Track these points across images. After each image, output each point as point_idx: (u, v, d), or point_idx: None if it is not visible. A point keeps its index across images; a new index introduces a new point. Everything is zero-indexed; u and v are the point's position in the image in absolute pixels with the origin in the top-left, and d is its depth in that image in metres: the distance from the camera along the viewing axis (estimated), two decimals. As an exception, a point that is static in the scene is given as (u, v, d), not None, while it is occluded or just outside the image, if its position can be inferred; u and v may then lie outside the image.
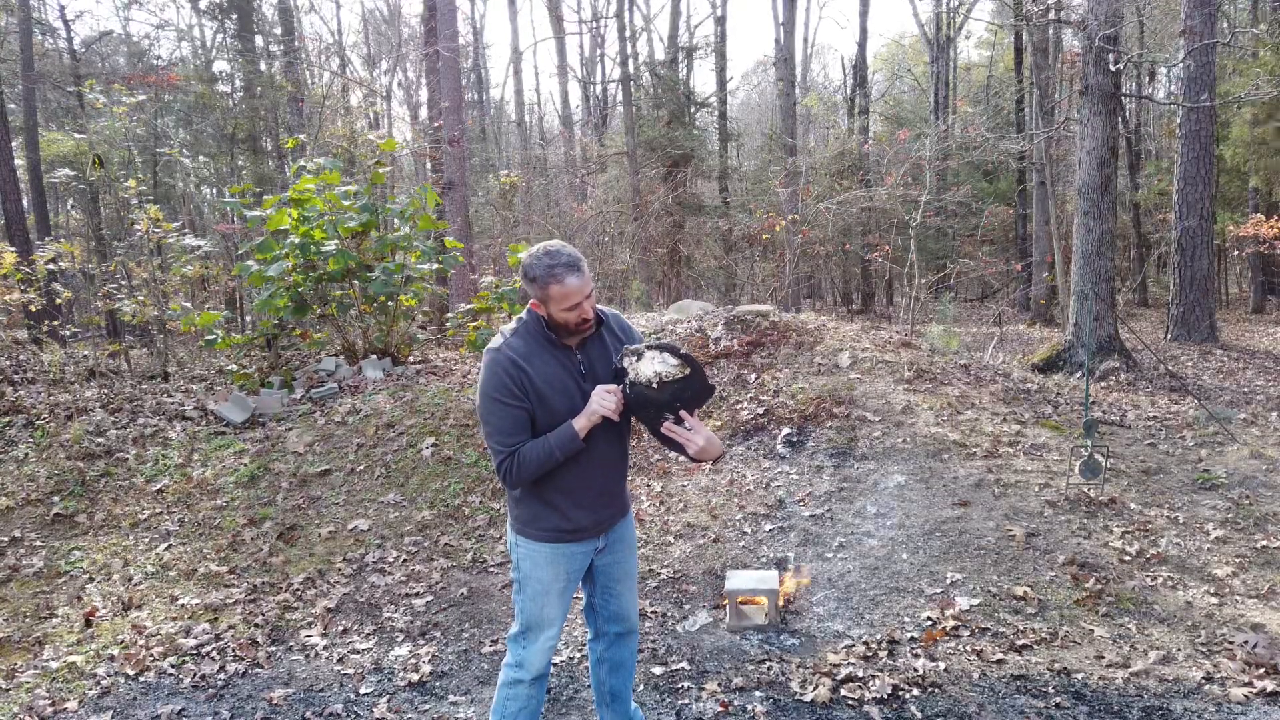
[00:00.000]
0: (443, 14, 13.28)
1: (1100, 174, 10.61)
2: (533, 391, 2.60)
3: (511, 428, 2.59)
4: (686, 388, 2.62)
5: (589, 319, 2.64)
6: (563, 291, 2.53)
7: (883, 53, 40.36)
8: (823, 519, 5.58)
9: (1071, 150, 17.81)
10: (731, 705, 3.68)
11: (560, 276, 2.52)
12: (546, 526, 2.79)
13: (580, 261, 2.57)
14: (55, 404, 7.62)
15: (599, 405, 2.58)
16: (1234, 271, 27.27)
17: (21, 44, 17.44)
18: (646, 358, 2.58)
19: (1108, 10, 10.45)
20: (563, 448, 2.59)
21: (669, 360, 2.56)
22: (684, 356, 2.59)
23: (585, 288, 2.56)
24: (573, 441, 2.59)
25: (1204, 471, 6.04)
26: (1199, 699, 3.55)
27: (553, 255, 2.55)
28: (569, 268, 2.53)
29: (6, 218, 13.72)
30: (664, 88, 22.36)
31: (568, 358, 2.70)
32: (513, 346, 2.63)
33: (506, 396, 2.58)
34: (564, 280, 2.52)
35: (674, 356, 2.57)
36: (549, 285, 2.54)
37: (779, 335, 8.33)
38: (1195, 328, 13.72)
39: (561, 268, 2.52)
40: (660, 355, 2.58)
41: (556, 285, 2.53)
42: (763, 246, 19.70)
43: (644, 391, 2.57)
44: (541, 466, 2.59)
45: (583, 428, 2.60)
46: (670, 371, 2.56)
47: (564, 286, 2.53)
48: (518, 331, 2.68)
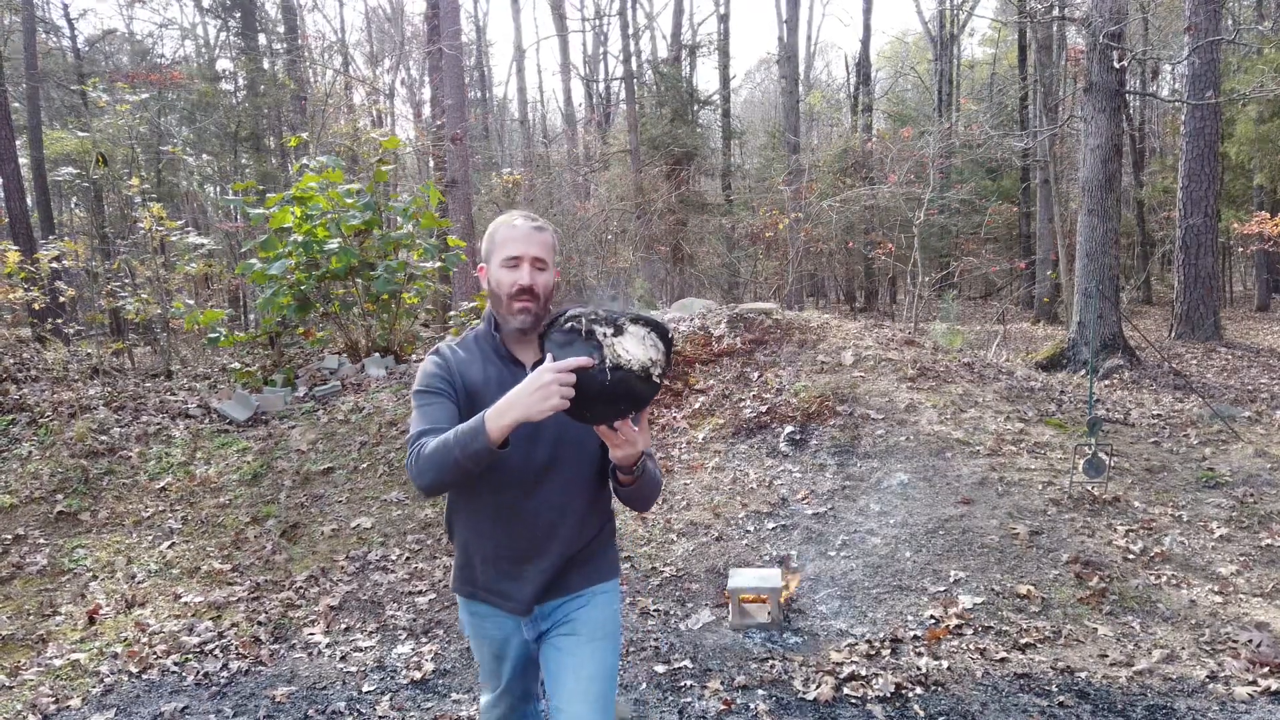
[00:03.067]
0: (445, 12, 13.27)
1: (1104, 171, 10.58)
2: (463, 389, 2.08)
3: (430, 418, 2.01)
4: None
5: (526, 290, 2.08)
6: (508, 235, 2.10)
7: (886, 50, 40.33)
8: (825, 517, 5.57)
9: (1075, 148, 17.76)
10: (734, 704, 3.68)
11: (512, 219, 2.13)
12: (459, 574, 2.23)
13: (545, 224, 2.16)
14: (59, 402, 7.63)
15: (535, 397, 1.71)
16: (1239, 269, 27.22)
17: (25, 42, 17.46)
18: (631, 335, 1.79)
19: (1112, 7, 10.42)
20: (462, 445, 1.81)
21: (659, 346, 1.81)
22: (670, 340, 1.86)
23: (533, 242, 2.09)
24: (474, 438, 1.79)
25: (1208, 470, 6.03)
26: (1203, 698, 3.54)
27: (518, 210, 2.21)
28: (525, 216, 2.14)
29: (10, 216, 13.74)
30: (667, 85, 22.34)
31: (519, 375, 2.03)
32: (453, 348, 2.17)
33: (428, 387, 2.07)
34: (513, 221, 2.11)
35: (663, 340, 1.83)
36: (498, 229, 2.14)
37: (782, 333, 8.32)
38: (1199, 325, 13.69)
39: (518, 214, 2.15)
40: (649, 335, 1.81)
41: (505, 229, 2.12)
42: (766, 244, 19.69)
43: (631, 383, 1.75)
44: (440, 467, 1.86)
45: (499, 427, 1.76)
46: (661, 361, 1.79)
47: (511, 229, 2.10)
48: (465, 340, 2.19)
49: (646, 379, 1.75)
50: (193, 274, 10.76)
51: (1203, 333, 13.62)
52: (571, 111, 32.20)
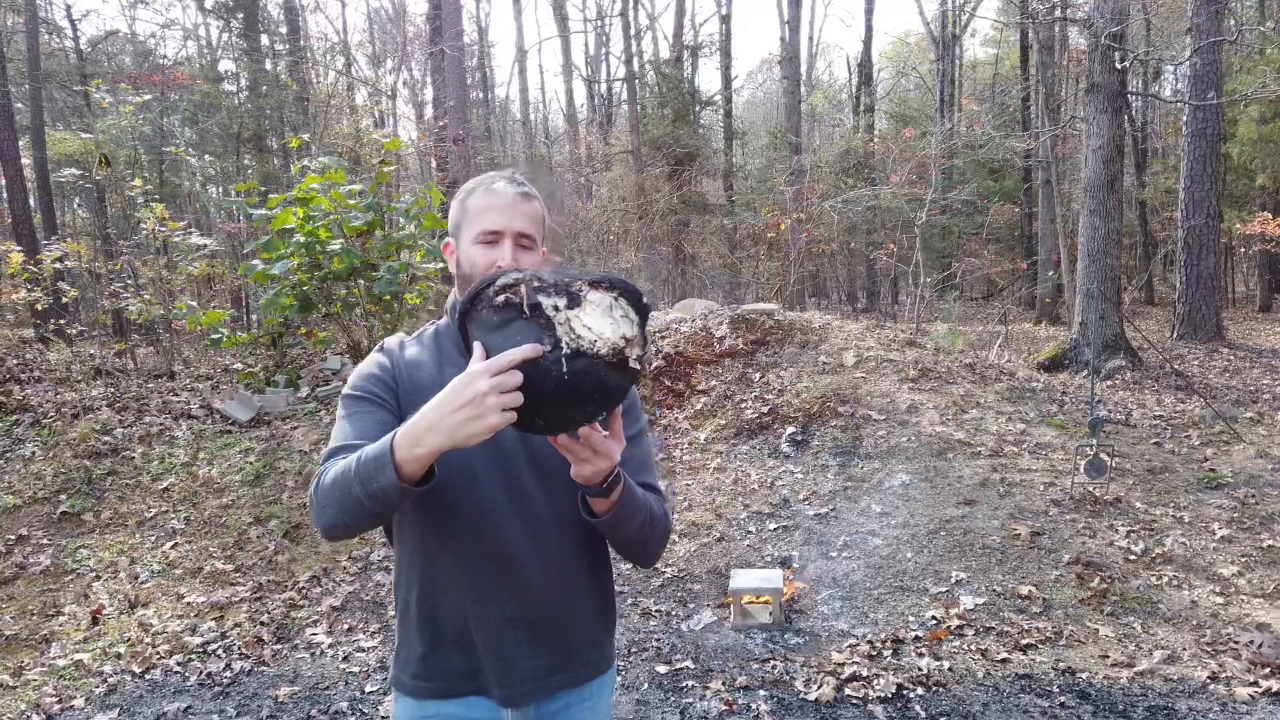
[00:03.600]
0: (448, 13, 13.29)
1: (1106, 172, 10.58)
2: (409, 396, 1.55)
3: (350, 432, 1.50)
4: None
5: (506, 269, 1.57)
6: (486, 203, 1.61)
7: (888, 50, 40.29)
8: (827, 518, 5.58)
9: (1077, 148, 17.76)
10: (736, 704, 3.68)
11: (491, 182, 1.65)
12: (405, 657, 1.65)
13: (533, 189, 1.67)
14: (62, 403, 7.65)
15: (463, 416, 1.20)
16: (1241, 270, 27.18)
17: (28, 43, 17.49)
18: (594, 305, 1.24)
19: (1114, 8, 10.42)
20: (364, 478, 1.30)
21: (631, 317, 1.26)
22: (647, 308, 1.31)
23: (518, 213, 1.60)
24: (379, 471, 1.28)
25: (1209, 471, 6.03)
26: (1204, 698, 3.55)
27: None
28: (509, 179, 1.66)
29: (13, 217, 13.77)
30: (669, 86, 22.34)
31: None
32: (403, 344, 1.69)
33: (358, 390, 1.58)
34: (493, 185, 1.63)
35: (636, 309, 1.28)
36: (472, 194, 1.65)
37: (783, 334, 8.32)
38: (1201, 326, 13.68)
39: (500, 175, 1.67)
40: (618, 302, 1.26)
41: (482, 194, 1.63)
42: (767, 245, 19.68)
43: (600, 373, 1.22)
44: (341, 505, 1.34)
45: (413, 458, 1.25)
46: (638, 339, 1.26)
47: (491, 195, 1.62)
48: (422, 335, 1.71)
49: (620, 365, 1.21)
50: (195, 275, 10.77)
51: (1205, 333, 13.62)
52: (573, 112, 32.23)
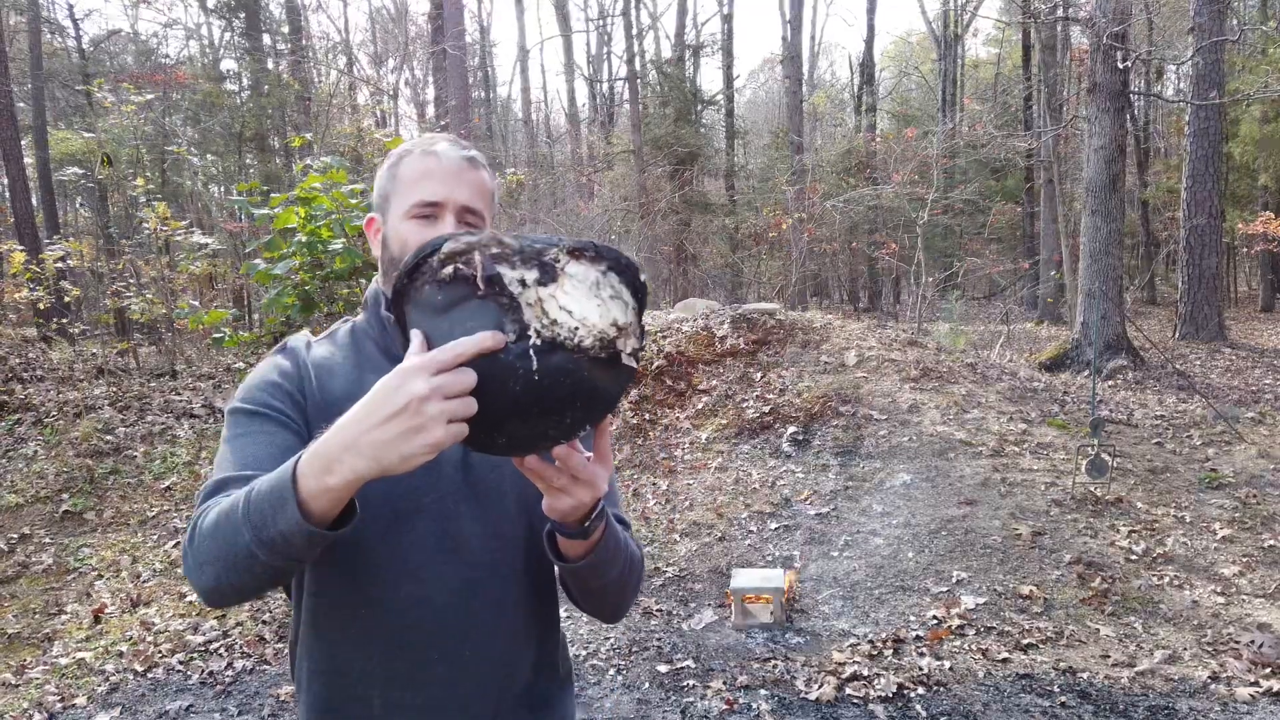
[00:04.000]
0: (449, 12, 13.30)
1: (1108, 172, 10.57)
2: (318, 412, 1.22)
3: (238, 458, 1.17)
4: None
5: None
6: (421, 169, 1.29)
7: (890, 50, 40.29)
8: (828, 518, 5.58)
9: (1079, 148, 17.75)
10: (737, 703, 3.69)
11: (429, 145, 1.32)
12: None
13: (481, 156, 1.36)
14: (64, 402, 7.66)
15: (394, 429, 0.88)
16: (1243, 269, 27.17)
17: (30, 43, 17.52)
18: (575, 280, 0.92)
19: (1116, 7, 10.41)
20: (255, 522, 0.97)
21: (624, 298, 0.95)
22: (644, 288, 1.00)
23: (462, 182, 1.29)
24: (277, 510, 0.95)
25: (1211, 471, 6.02)
26: (1205, 698, 3.55)
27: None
28: (452, 141, 1.34)
29: (15, 216, 13.78)
30: (670, 85, 22.35)
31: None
32: (310, 344, 1.35)
33: (251, 402, 1.24)
34: (431, 148, 1.31)
35: (631, 288, 0.97)
36: (404, 159, 1.32)
37: (785, 333, 8.32)
38: (1203, 326, 13.68)
39: (440, 138, 1.34)
40: (606, 278, 0.94)
41: (416, 159, 1.31)
42: (769, 245, 19.69)
43: (581, 373, 0.91)
44: (228, 560, 1.01)
45: (324, 489, 0.93)
46: (634, 327, 0.95)
47: (427, 160, 1.30)
48: (335, 334, 1.38)
49: (609, 362, 0.91)
50: (197, 274, 10.79)
51: (1207, 333, 13.61)
52: (575, 111, 32.25)
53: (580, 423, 0.94)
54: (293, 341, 1.35)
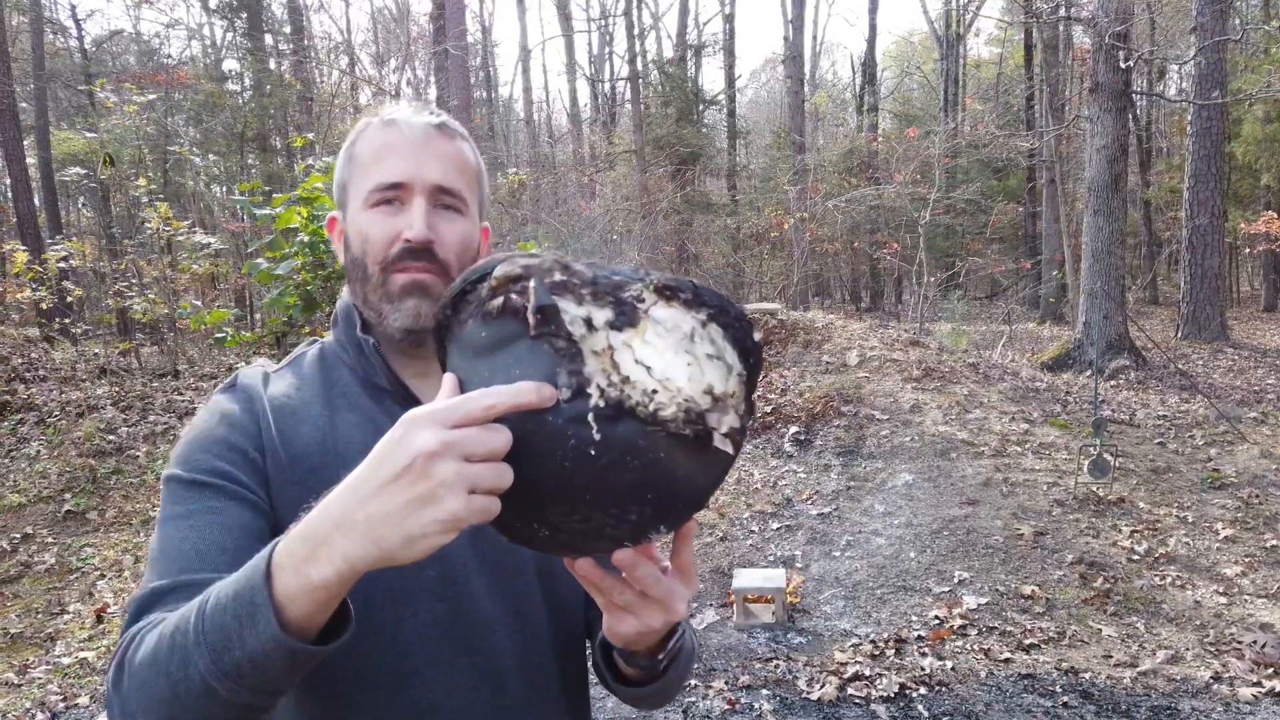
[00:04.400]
0: (451, 12, 13.31)
1: (1110, 171, 10.56)
2: (279, 470, 0.97)
3: (179, 551, 0.88)
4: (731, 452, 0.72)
5: (420, 250, 1.01)
6: (384, 143, 1.04)
7: (892, 50, 40.26)
8: (830, 518, 5.58)
9: (1081, 148, 17.74)
10: (739, 703, 3.69)
11: (390, 114, 1.06)
12: None
13: (457, 126, 1.09)
14: (66, 402, 7.67)
15: (400, 505, 0.64)
16: (1245, 269, 27.14)
17: (33, 43, 17.54)
18: (660, 326, 0.67)
19: (1118, 7, 10.40)
20: (217, 643, 0.70)
21: (727, 354, 0.69)
22: (757, 347, 0.72)
23: (431, 155, 1.03)
24: (245, 619, 0.69)
25: (1213, 471, 6.02)
26: (1207, 698, 3.55)
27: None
28: (417, 108, 1.07)
29: (18, 216, 13.80)
30: (672, 85, 22.35)
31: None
32: (269, 376, 1.07)
33: (193, 470, 0.95)
34: (392, 117, 1.05)
35: (737, 345, 0.70)
36: (362, 135, 1.07)
37: (787, 334, 8.32)
38: (1206, 326, 13.66)
39: (405, 105, 1.08)
40: (705, 330, 0.68)
41: (376, 133, 1.05)
42: (771, 244, 19.69)
43: (658, 452, 0.66)
44: (174, 700, 0.72)
45: (307, 588, 0.68)
46: (739, 397, 0.70)
47: (389, 133, 1.04)
48: (297, 362, 1.11)
49: (697, 442, 0.68)
50: (199, 274, 10.80)
51: (1209, 333, 13.59)
52: (577, 111, 32.26)
53: (652, 522, 0.69)
54: (244, 376, 1.04)
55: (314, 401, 1.03)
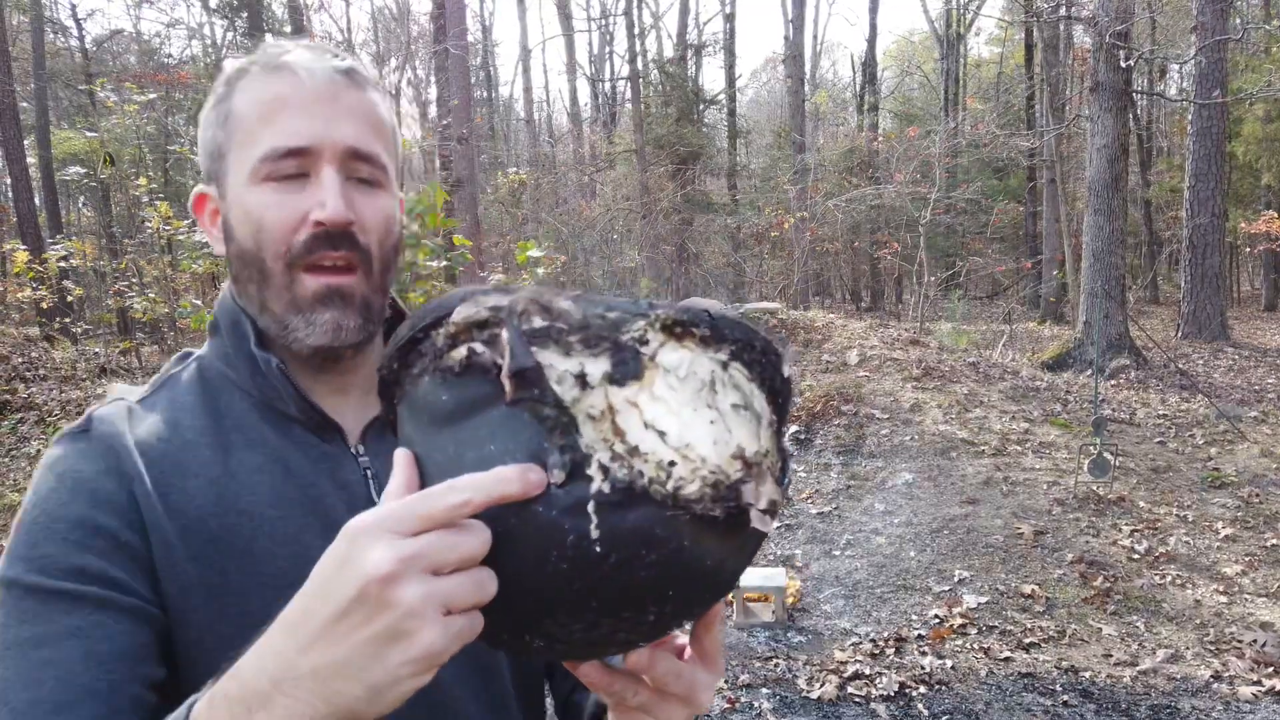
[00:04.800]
0: (451, 12, 13.30)
1: (1111, 171, 10.56)
2: (166, 549, 0.72)
3: (32, 697, 0.64)
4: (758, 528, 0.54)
5: (337, 235, 0.78)
6: (271, 94, 0.79)
7: (892, 49, 40.25)
8: (830, 517, 5.58)
9: (1082, 147, 17.74)
10: (739, 702, 3.69)
11: (278, 56, 0.80)
12: None
13: (363, 68, 0.83)
14: (67, 401, 7.67)
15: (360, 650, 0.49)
16: (1246, 269, 27.14)
17: (33, 43, 17.54)
18: (670, 374, 0.52)
19: (1118, 6, 10.40)
20: None
21: (755, 400, 0.55)
22: (787, 385, 0.57)
23: (341, 111, 0.79)
24: None
25: (1214, 470, 6.02)
26: (1207, 697, 3.55)
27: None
28: (313, 49, 0.82)
29: (19, 216, 13.81)
30: (673, 85, 22.36)
31: (322, 463, 0.81)
32: (136, 416, 0.80)
33: (48, 567, 0.69)
34: (284, 58, 0.80)
35: (765, 385, 0.55)
36: (241, 81, 0.81)
37: (787, 333, 8.33)
38: (1206, 325, 13.66)
39: (297, 46, 0.82)
40: (726, 373, 0.54)
41: (257, 78, 0.80)
42: (771, 244, 19.69)
43: (678, 543, 0.51)
44: None
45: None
46: (771, 456, 0.55)
47: (277, 80, 0.79)
48: (172, 385, 0.84)
49: (729, 524, 0.52)
50: (200, 273, 10.79)
51: (1209, 333, 13.59)
52: (577, 111, 32.26)
53: (673, 620, 0.57)
54: (101, 417, 0.78)
55: (200, 442, 0.78)
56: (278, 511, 0.76)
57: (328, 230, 0.77)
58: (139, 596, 0.70)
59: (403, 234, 0.87)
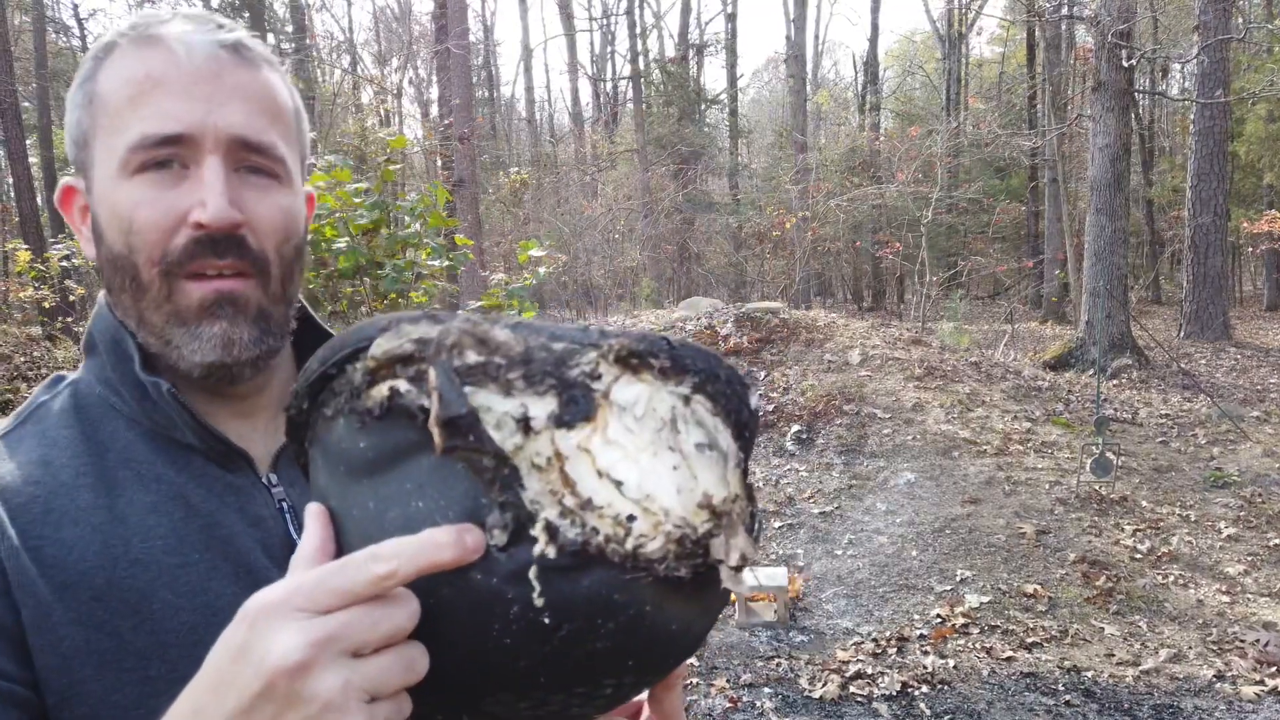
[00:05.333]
0: (453, 11, 13.31)
1: (1113, 170, 10.55)
2: (43, 616, 0.61)
3: None
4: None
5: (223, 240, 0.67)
6: (138, 73, 0.67)
7: (894, 49, 40.22)
8: (832, 516, 5.58)
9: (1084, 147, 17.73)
10: (740, 701, 3.69)
11: (152, 26, 0.68)
12: None
13: (254, 45, 0.72)
14: (69, 400, 7.68)
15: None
16: (1248, 269, 27.09)
17: (35, 42, 17.55)
18: (623, 414, 0.46)
19: (1120, 5, 10.39)
20: None
21: (719, 438, 0.48)
22: (753, 417, 0.50)
23: (223, 91, 0.68)
24: None
25: (1216, 470, 6.01)
26: (1210, 697, 3.54)
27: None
28: (193, 19, 0.70)
29: (21, 215, 13.83)
30: (674, 85, 22.36)
31: (229, 497, 0.70)
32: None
33: None
34: (157, 29, 0.68)
35: (732, 420, 0.49)
36: (108, 58, 0.69)
37: (789, 332, 8.32)
38: (1208, 325, 13.64)
39: (175, 16, 0.70)
40: (688, 408, 0.48)
41: (128, 54, 0.68)
42: (773, 244, 19.69)
43: (638, 608, 0.45)
44: None
45: None
46: (730, 499, 0.47)
47: (147, 55, 0.67)
48: (40, 415, 0.73)
49: (696, 584, 0.46)
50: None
51: (1212, 332, 13.57)
52: (579, 111, 32.26)
53: (633, 690, 0.52)
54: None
55: (79, 483, 0.66)
56: (178, 558, 0.65)
57: (210, 234, 0.66)
58: (5, 678, 0.59)
59: (306, 235, 0.77)
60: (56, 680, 0.61)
